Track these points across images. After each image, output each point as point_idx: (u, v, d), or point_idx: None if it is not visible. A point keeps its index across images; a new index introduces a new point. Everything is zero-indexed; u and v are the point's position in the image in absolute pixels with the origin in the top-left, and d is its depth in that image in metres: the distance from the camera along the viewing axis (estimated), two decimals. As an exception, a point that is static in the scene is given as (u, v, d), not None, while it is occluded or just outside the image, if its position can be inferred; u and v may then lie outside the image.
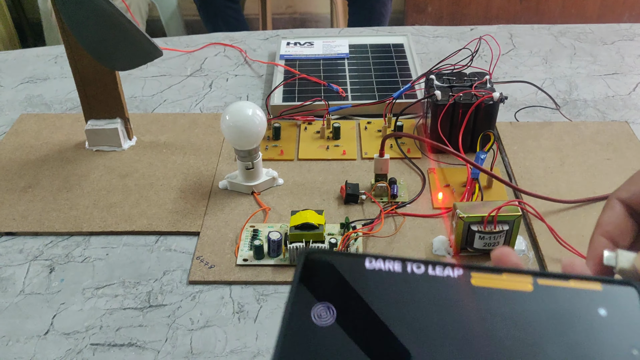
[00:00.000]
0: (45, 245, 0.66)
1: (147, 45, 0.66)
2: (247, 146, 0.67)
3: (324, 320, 0.27)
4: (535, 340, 0.27)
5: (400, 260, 0.29)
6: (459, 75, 0.78)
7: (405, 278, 0.28)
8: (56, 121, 0.86)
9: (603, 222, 0.31)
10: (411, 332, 0.27)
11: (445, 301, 0.28)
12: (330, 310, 0.28)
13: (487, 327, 0.27)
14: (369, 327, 0.27)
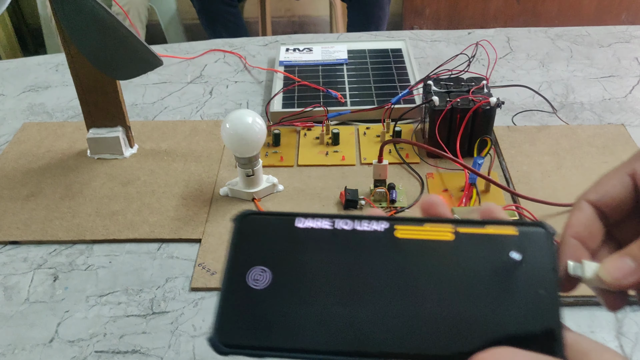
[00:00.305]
0: (49, 254, 0.67)
1: (147, 54, 0.66)
2: (248, 153, 0.68)
3: (260, 283, 0.29)
4: (453, 286, 0.29)
5: (329, 217, 0.30)
6: (456, 81, 0.79)
7: (335, 234, 0.30)
8: (58, 129, 0.87)
9: (572, 223, 0.32)
10: (339, 286, 0.29)
11: (370, 254, 0.29)
12: (265, 273, 0.29)
13: (408, 277, 0.29)
14: (301, 286, 0.29)
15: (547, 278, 0.29)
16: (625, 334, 0.56)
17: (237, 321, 0.28)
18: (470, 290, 0.29)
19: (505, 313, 0.28)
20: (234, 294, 0.29)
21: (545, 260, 0.29)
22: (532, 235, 0.30)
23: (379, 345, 0.27)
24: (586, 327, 0.57)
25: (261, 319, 0.28)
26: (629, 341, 0.56)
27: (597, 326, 0.57)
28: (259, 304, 0.29)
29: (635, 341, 0.56)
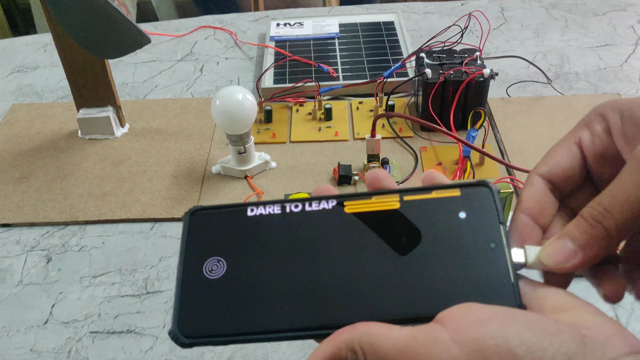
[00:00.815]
0: (41, 236, 0.67)
1: (135, 32, 0.65)
2: (239, 130, 0.67)
3: (216, 273, 0.30)
4: (406, 252, 0.29)
5: (279, 202, 0.31)
6: (449, 53, 0.78)
7: (285, 217, 0.31)
8: (48, 110, 0.86)
9: (523, 199, 0.31)
10: (293, 266, 0.30)
11: (322, 232, 0.30)
12: (220, 263, 0.30)
13: (360, 248, 0.30)
14: (257, 270, 0.30)
15: (495, 231, 0.29)
16: (621, 305, 0.56)
17: (197, 312, 0.29)
18: (423, 253, 0.29)
19: (461, 271, 0.28)
20: (191, 286, 0.30)
21: (491, 215, 0.29)
22: (476, 194, 0.30)
23: (339, 316, 0.28)
24: (582, 297, 0.57)
25: (220, 307, 0.29)
26: (625, 311, 0.56)
27: (592, 297, 0.57)
28: (217, 293, 0.29)
29: (631, 311, 0.56)
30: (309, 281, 0.29)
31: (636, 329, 0.54)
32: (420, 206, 0.30)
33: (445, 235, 0.29)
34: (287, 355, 0.54)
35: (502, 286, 0.28)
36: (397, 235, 0.30)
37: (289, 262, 0.30)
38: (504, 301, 0.27)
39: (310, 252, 0.30)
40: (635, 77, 0.88)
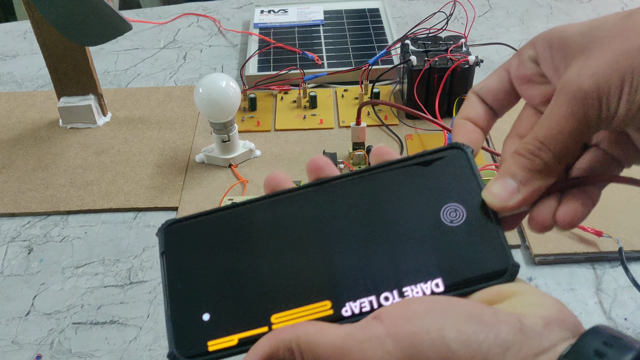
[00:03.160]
0: (22, 226, 0.66)
1: (115, 19, 0.64)
2: (222, 119, 0.67)
3: (205, 284, 0.30)
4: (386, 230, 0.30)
5: (250, 202, 0.31)
6: (434, 40, 0.77)
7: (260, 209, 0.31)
8: (28, 99, 0.84)
9: (462, 109, 0.35)
10: (279, 256, 0.30)
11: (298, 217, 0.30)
12: (206, 273, 0.30)
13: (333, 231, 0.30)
14: (240, 270, 0.29)
15: (474, 193, 0.29)
16: (604, 290, 0.57)
17: (190, 328, 0.29)
18: (403, 228, 0.29)
19: (445, 241, 0.29)
20: (181, 303, 0.29)
21: (469, 180, 0.30)
22: (451, 158, 0.31)
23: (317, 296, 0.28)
24: (566, 284, 0.57)
25: (217, 317, 0.29)
26: (608, 297, 0.56)
27: (576, 283, 0.57)
28: (210, 305, 0.29)
29: (614, 297, 0.56)
30: (299, 272, 0.29)
31: (619, 314, 0.55)
32: (392, 179, 0.30)
33: (424, 206, 0.29)
34: (273, 344, 0.53)
35: (495, 249, 0.28)
36: (374, 212, 0.30)
37: (269, 253, 0.30)
38: (498, 263, 0.28)
39: (297, 240, 0.30)
40: (619, 64, 0.88)
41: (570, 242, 0.60)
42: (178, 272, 0.30)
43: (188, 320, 0.29)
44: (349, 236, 0.29)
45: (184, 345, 0.28)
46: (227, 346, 0.28)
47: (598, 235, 0.59)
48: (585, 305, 0.55)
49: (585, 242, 0.59)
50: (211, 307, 0.29)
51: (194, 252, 0.30)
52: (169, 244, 0.31)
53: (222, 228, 0.31)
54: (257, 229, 0.30)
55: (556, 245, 0.59)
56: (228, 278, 0.29)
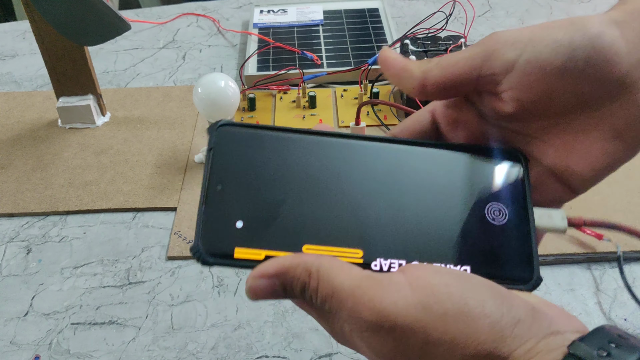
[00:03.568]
0: (21, 227, 0.66)
1: (114, 19, 0.64)
2: (221, 118, 0.66)
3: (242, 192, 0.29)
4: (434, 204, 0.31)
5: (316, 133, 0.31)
6: (434, 39, 0.77)
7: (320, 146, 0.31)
8: (27, 99, 0.84)
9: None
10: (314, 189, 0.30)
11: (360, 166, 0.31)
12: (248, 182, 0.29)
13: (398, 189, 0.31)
14: (283, 194, 0.29)
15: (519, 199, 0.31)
16: (604, 291, 0.57)
17: (221, 229, 0.28)
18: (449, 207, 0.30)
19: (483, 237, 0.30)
20: (217, 204, 0.28)
21: (518, 187, 0.31)
22: (511, 162, 0.32)
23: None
24: (566, 284, 0.57)
25: (250, 229, 0.28)
26: (608, 297, 0.56)
27: (576, 284, 0.57)
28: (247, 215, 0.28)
29: (614, 297, 0.56)
30: (328, 207, 0.29)
31: (619, 314, 0.54)
32: (450, 158, 0.32)
33: (473, 195, 0.30)
34: (272, 344, 0.53)
35: (526, 258, 0.29)
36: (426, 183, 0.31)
37: (310, 184, 0.30)
38: (525, 271, 0.29)
39: (334, 181, 0.30)
40: (619, 63, 0.88)
41: (570, 243, 0.59)
42: (221, 173, 0.29)
43: (220, 222, 0.28)
44: (395, 198, 0.30)
45: (209, 242, 0.28)
46: (252, 258, 0.28)
47: (598, 238, 0.59)
48: (585, 306, 0.55)
49: (585, 244, 0.59)
50: (247, 217, 0.28)
51: (240, 158, 0.29)
52: (218, 143, 0.30)
53: (274, 146, 0.30)
54: (310, 161, 0.30)
55: (556, 246, 0.59)
56: (270, 196, 0.29)
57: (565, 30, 0.29)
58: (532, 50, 0.29)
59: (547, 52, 0.29)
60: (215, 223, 0.28)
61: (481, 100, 0.32)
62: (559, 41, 0.29)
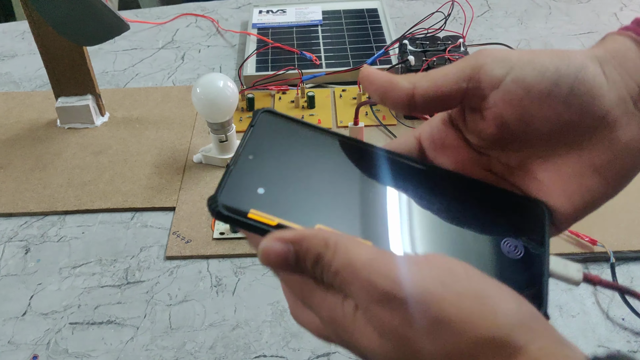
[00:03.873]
0: (19, 226, 0.66)
1: (113, 19, 0.64)
2: (220, 118, 0.67)
3: (269, 168, 0.31)
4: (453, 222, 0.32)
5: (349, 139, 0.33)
6: (432, 40, 0.77)
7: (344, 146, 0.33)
8: (26, 99, 0.84)
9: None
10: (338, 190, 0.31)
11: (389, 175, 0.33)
12: (274, 161, 0.32)
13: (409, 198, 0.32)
14: (309, 180, 0.31)
15: (537, 249, 0.31)
16: (601, 291, 0.57)
17: (242, 190, 0.30)
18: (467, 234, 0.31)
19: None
20: (245, 169, 0.31)
21: (538, 234, 0.31)
22: (534, 209, 0.32)
23: None
24: (564, 284, 0.57)
25: (270, 197, 0.30)
26: (606, 297, 0.56)
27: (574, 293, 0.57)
28: (270, 185, 0.30)
29: (612, 297, 0.56)
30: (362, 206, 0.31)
31: (617, 314, 0.54)
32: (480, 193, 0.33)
33: (493, 227, 0.32)
34: (270, 344, 0.53)
35: (536, 292, 0.29)
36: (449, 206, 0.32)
37: (340, 183, 0.31)
38: (534, 305, 0.28)
39: (360, 187, 0.32)
40: (617, 64, 0.88)
41: (567, 243, 0.60)
42: (255, 146, 0.31)
43: (244, 184, 0.30)
44: (413, 208, 0.31)
45: (228, 197, 0.29)
46: (264, 222, 0.29)
47: (592, 244, 0.59)
48: (583, 306, 0.55)
49: (583, 244, 0.59)
50: (269, 187, 0.30)
51: (275, 140, 0.32)
52: (259, 122, 0.32)
53: (306, 138, 0.33)
54: (337, 159, 0.32)
55: (553, 246, 0.59)
56: (294, 177, 0.31)
57: (551, 58, 0.29)
58: (519, 70, 0.29)
59: (533, 75, 0.29)
60: (239, 184, 0.30)
61: (465, 123, 0.32)
62: (545, 66, 0.29)
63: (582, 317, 0.54)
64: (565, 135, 0.30)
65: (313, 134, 0.33)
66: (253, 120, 0.33)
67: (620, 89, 0.29)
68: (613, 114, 0.30)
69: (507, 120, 0.30)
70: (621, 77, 0.30)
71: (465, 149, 0.33)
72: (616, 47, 0.30)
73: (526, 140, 0.31)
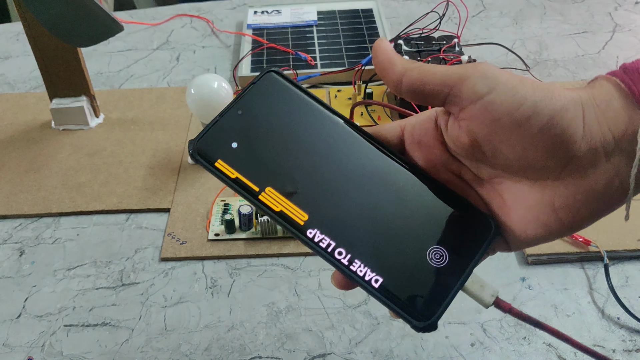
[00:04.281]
0: (14, 228, 0.65)
1: (107, 20, 0.64)
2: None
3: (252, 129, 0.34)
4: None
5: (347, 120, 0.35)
6: (427, 40, 0.77)
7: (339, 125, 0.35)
8: (20, 101, 0.84)
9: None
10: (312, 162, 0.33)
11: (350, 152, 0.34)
12: (266, 122, 0.34)
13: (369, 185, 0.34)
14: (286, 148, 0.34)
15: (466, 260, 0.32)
16: (597, 290, 0.57)
17: (218, 141, 0.33)
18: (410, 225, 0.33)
19: None
20: (229, 123, 0.33)
21: (473, 249, 0.32)
22: (476, 222, 0.33)
23: None
24: (559, 284, 0.57)
25: (239, 153, 0.33)
26: (601, 297, 0.56)
27: (569, 283, 0.57)
28: (244, 144, 0.33)
29: (607, 296, 0.56)
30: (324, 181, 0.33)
31: (612, 313, 0.54)
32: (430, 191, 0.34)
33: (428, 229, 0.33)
34: (265, 345, 0.53)
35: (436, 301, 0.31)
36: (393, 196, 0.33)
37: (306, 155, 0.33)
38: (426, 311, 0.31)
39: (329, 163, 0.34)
40: (612, 63, 0.88)
41: (563, 242, 0.60)
42: (248, 104, 0.34)
43: (222, 135, 0.33)
44: (359, 191, 0.33)
45: (204, 144, 0.33)
46: (226, 173, 0.32)
47: (586, 244, 0.59)
48: (578, 305, 0.55)
49: (579, 243, 0.59)
50: (242, 144, 0.33)
51: (268, 102, 0.34)
52: (260, 82, 0.34)
53: (297, 105, 0.34)
54: (315, 130, 0.34)
55: (549, 245, 0.59)
56: (268, 140, 0.33)
57: (534, 91, 0.30)
58: (498, 93, 0.30)
59: (509, 103, 0.29)
60: (218, 134, 0.33)
61: (446, 125, 0.33)
62: (525, 98, 0.29)
63: (578, 317, 0.54)
64: (530, 168, 0.31)
65: (308, 104, 0.34)
66: (256, 77, 0.35)
67: (594, 139, 0.30)
68: (580, 162, 0.30)
69: (477, 136, 0.31)
70: (600, 126, 0.30)
71: (439, 150, 0.34)
72: (602, 93, 0.30)
73: (494, 161, 0.32)
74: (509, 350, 0.52)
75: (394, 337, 0.54)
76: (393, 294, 0.31)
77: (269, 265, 0.60)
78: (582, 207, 0.31)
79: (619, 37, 0.94)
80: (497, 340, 0.53)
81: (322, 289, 0.58)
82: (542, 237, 0.32)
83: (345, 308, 0.56)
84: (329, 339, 0.54)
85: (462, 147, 0.32)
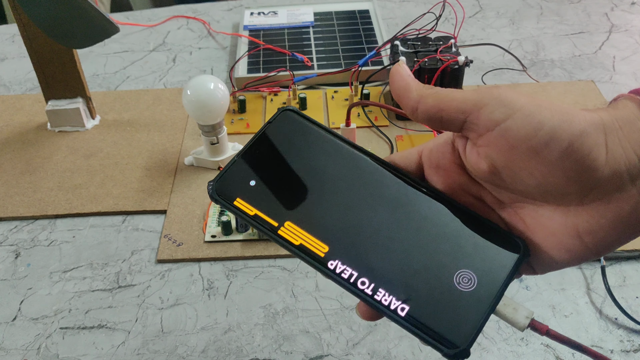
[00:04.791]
0: (9, 231, 0.65)
1: (102, 21, 0.64)
2: (211, 121, 0.66)
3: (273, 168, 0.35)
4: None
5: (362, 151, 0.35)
6: (424, 40, 0.77)
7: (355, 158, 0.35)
8: (16, 102, 0.84)
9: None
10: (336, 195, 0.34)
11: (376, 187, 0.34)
12: (281, 162, 0.35)
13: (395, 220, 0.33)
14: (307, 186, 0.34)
15: (495, 284, 0.31)
16: (594, 290, 0.57)
17: (237, 180, 0.34)
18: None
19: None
20: (247, 162, 0.34)
21: (502, 271, 0.31)
22: (507, 249, 0.32)
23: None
24: (557, 284, 0.57)
25: (258, 191, 0.34)
26: (599, 297, 0.56)
27: (567, 283, 0.57)
28: (263, 181, 0.34)
29: (604, 297, 0.56)
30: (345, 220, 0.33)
31: (610, 314, 0.54)
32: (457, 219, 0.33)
33: (455, 254, 0.32)
34: (262, 347, 0.53)
35: (468, 327, 0.30)
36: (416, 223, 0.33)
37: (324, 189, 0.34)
38: (458, 338, 0.30)
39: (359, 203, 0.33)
40: (609, 64, 0.88)
41: (561, 242, 0.59)
42: (265, 143, 0.35)
43: (239, 176, 0.34)
44: (381, 222, 0.33)
45: (222, 184, 0.34)
46: (245, 211, 0.33)
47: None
48: (576, 305, 0.55)
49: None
50: (260, 182, 0.34)
51: (285, 140, 0.35)
52: (276, 121, 0.35)
53: (314, 142, 0.35)
54: (333, 166, 0.34)
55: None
56: (286, 177, 0.34)
57: (552, 115, 0.29)
58: (516, 121, 0.29)
59: (526, 130, 0.29)
60: (236, 174, 0.34)
61: (464, 150, 0.32)
62: (542, 123, 0.28)
63: (576, 317, 0.54)
64: (550, 194, 0.30)
65: (323, 138, 0.35)
66: (272, 117, 0.36)
67: (618, 164, 0.28)
68: (604, 188, 0.29)
69: (496, 163, 0.30)
70: (624, 149, 0.28)
71: (459, 174, 0.34)
72: (625, 114, 0.29)
73: (514, 187, 0.31)
74: (506, 351, 0.52)
75: (391, 338, 0.53)
76: (421, 322, 0.30)
77: (265, 266, 0.60)
78: (607, 232, 0.30)
79: (616, 38, 0.94)
80: (495, 341, 0.53)
81: (319, 290, 0.58)
82: (567, 261, 0.31)
83: (343, 309, 0.56)
84: (326, 340, 0.53)
85: (481, 173, 0.32)
